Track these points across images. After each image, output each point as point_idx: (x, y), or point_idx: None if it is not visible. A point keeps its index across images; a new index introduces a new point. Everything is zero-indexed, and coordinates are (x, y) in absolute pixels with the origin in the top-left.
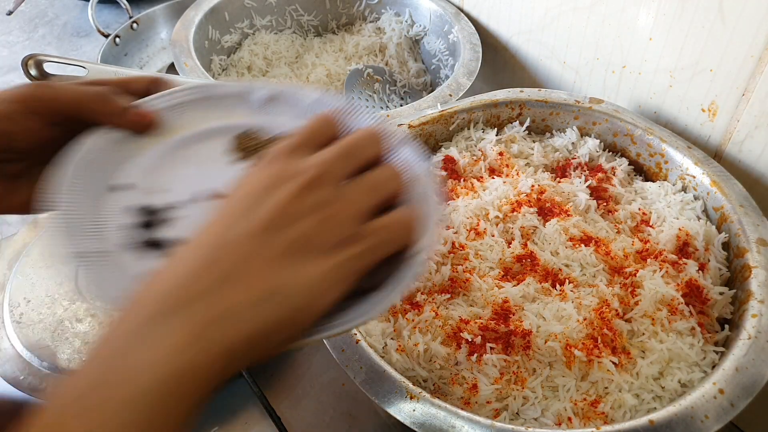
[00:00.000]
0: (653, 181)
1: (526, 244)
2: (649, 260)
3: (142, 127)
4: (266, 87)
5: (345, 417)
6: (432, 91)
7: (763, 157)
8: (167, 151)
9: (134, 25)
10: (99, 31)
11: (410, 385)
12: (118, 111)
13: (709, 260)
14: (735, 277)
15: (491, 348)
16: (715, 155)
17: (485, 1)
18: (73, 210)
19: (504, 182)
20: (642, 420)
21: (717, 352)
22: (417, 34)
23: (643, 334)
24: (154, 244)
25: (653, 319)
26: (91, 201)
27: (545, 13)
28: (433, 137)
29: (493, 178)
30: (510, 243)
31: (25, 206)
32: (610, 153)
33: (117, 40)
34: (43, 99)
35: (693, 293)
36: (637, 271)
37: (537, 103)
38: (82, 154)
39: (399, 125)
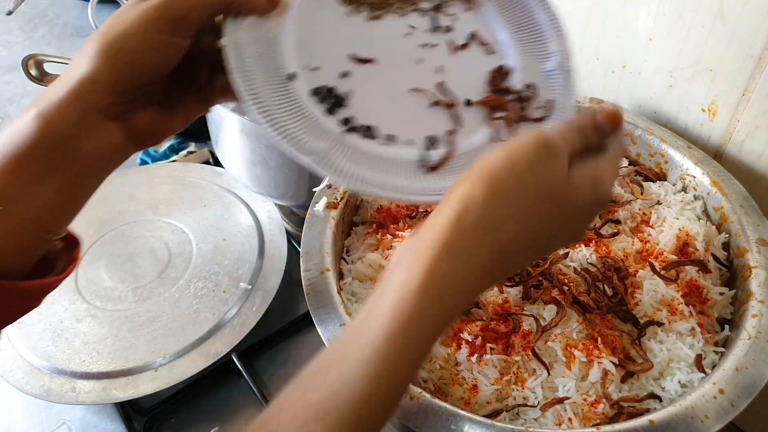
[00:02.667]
0: (653, 181)
1: None
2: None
3: (273, 5)
4: None
5: None
6: None
7: (763, 157)
8: (305, 25)
9: None
10: None
11: (410, 385)
12: None
13: (709, 260)
14: (735, 277)
15: (491, 348)
16: (715, 155)
17: None
18: (277, 114)
19: None
20: (642, 420)
21: (717, 353)
22: None
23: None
24: (355, 128)
25: (653, 319)
26: (284, 96)
27: None
28: None
29: None
30: None
31: (180, 125)
32: None
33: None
34: (181, 6)
35: (693, 293)
36: (637, 271)
37: None
38: (248, 51)
39: None
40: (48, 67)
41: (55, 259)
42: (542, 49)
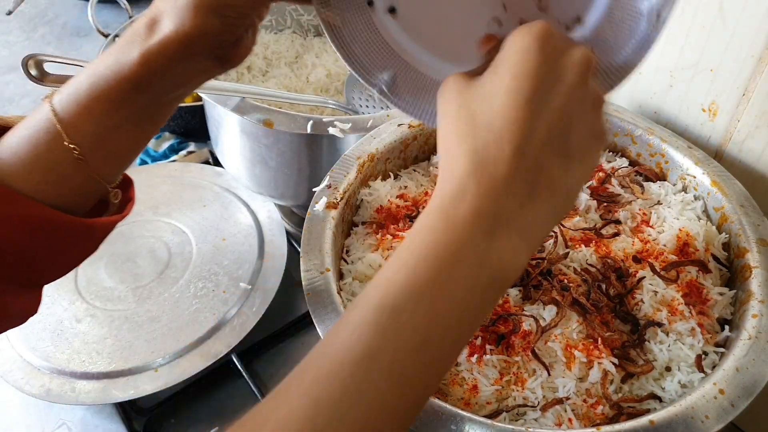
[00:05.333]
0: (653, 181)
1: None
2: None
3: None
4: None
5: None
6: None
7: (763, 157)
8: None
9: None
10: (99, 31)
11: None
12: None
13: (709, 261)
14: (735, 277)
15: (491, 349)
16: (716, 155)
17: None
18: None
19: None
20: (642, 420)
21: (717, 353)
22: None
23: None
24: None
25: (653, 319)
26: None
27: None
28: (433, 137)
29: None
30: None
31: (254, 40)
32: (611, 153)
33: (117, 40)
34: None
35: (693, 294)
36: (637, 271)
37: None
38: None
39: (399, 125)
40: (48, 67)
41: (107, 201)
42: None
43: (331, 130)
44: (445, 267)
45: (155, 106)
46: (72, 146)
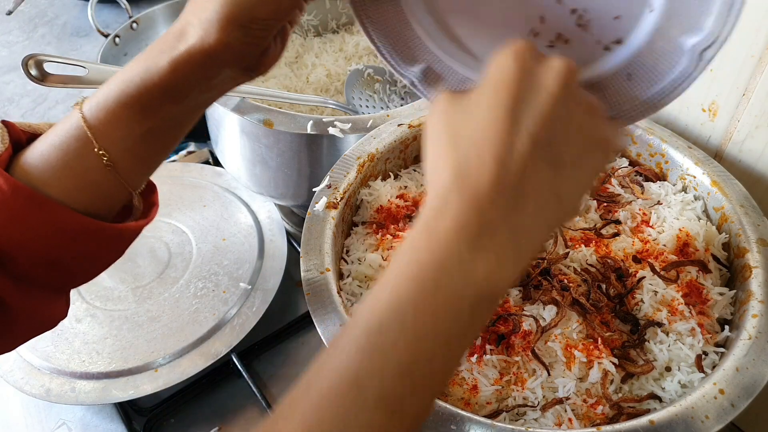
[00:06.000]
0: (653, 181)
1: None
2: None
3: None
4: None
5: None
6: None
7: (763, 157)
8: None
9: (134, 25)
10: (99, 31)
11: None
12: None
13: (709, 261)
14: (735, 277)
15: (491, 349)
16: (716, 155)
17: None
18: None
19: None
20: (642, 420)
21: (717, 353)
22: None
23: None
24: None
25: (653, 320)
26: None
27: None
28: None
29: None
30: None
31: (283, 47)
32: None
33: (117, 40)
34: None
35: (693, 294)
36: (637, 271)
37: None
38: None
39: (399, 125)
40: (48, 67)
41: (131, 206)
42: (695, 15)
43: (331, 130)
44: (429, 284)
45: (183, 112)
46: (101, 153)
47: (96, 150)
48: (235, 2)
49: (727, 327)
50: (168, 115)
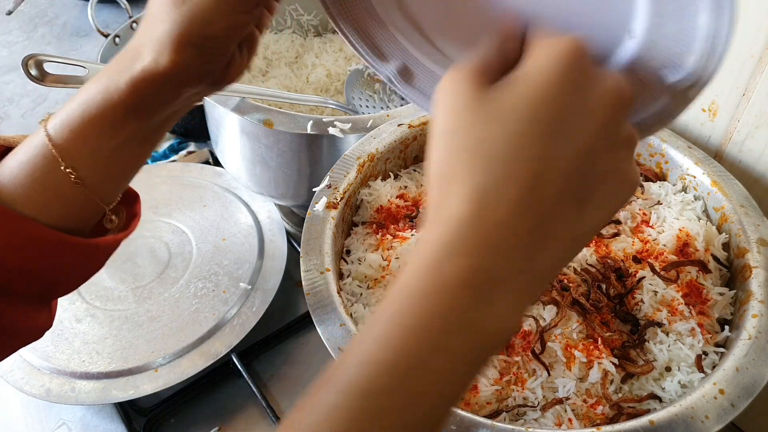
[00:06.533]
0: (653, 181)
1: None
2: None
3: None
4: None
5: None
6: None
7: (763, 157)
8: None
9: (134, 25)
10: (99, 30)
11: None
12: None
13: (709, 261)
14: (735, 277)
15: None
16: (716, 155)
17: None
18: None
19: None
20: (642, 420)
21: (717, 353)
22: None
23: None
24: None
25: (653, 319)
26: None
27: None
28: None
29: None
30: None
31: (252, 55)
32: None
33: (117, 40)
34: None
35: (693, 294)
36: (637, 271)
37: None
38: None
39: (399, 125)
40: (48, 67)
41: (115, 218)
42: (676, 52)
43: (331, 130)
44: (430, 343)
45: (151, 128)
46: (68, 171)
47: (62, 168)
48: (184, 22)
49: (727, 327)
50: (135, 132)
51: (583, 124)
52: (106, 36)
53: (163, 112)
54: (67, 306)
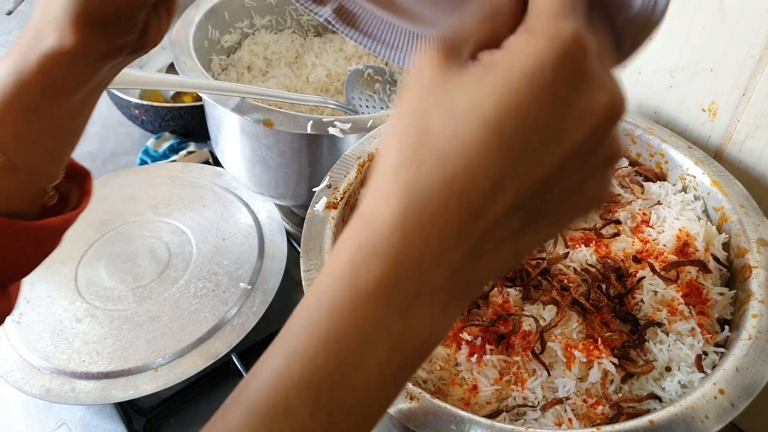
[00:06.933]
0: (653, 181)
1: None
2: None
3: None
4: None
5: None
6: None
7: (763, 157)
8: None
9: None
10: None
11: (410, 385)
12: None
13: (709, 261)
14: (735, 277)
15: (491, 349)
16: (716, 155)
17: None
18: None
19: None
20: (642, 420)
21: (717, 353)
22: None
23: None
24: None
25: (653, 319)
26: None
27: None
28: None
29: None
30: None
31: (169, 21)
32: None
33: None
34: None
35: (693, 294)
36: (637, 271)
37: None
38: None
39: None
40: None
41: (68, 197)
42: None
43: (331, 130)
44: (346, 357)
45: (76, 105)
46: None
47: None
48: (80, 1)
49: (727, 327)
50: (61, 111)
51: (555, 146)
52: None
53: (84, 88)
54: (67, 306)
